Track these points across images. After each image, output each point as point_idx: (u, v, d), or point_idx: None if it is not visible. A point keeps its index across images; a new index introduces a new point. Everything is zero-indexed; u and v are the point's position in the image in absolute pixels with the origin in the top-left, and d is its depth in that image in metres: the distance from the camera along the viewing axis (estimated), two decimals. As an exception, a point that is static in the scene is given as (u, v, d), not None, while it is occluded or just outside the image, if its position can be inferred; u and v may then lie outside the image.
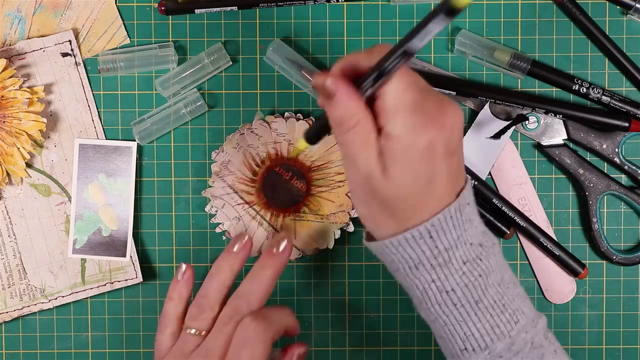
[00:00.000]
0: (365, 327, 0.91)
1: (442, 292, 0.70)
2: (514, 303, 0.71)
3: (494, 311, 0.71)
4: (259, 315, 0.77)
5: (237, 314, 0.78)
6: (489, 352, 0.71)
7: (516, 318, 0.71)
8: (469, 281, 0.70)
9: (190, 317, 0.79)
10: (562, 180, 0.90)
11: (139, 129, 0.88)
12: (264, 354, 0.76)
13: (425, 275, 0.70)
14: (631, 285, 0.90)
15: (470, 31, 0.88)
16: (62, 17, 0.88)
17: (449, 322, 0.71)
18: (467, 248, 0.70)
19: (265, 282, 0.79)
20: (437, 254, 0.69)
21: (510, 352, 0.71)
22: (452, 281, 0.70)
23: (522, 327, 0.71)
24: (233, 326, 0.77)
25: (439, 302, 0.71)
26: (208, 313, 0.79)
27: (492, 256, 0.71)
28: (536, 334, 0.72)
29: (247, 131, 0.87)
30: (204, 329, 0.79)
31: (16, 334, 0.90)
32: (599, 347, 0.90)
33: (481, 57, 0.88)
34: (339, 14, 0.89)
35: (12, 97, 0.85)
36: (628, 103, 0.87)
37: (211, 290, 0.80)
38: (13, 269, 0.89)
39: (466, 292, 0.70)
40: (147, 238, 0.90)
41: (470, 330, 0.71)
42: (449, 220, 0.69)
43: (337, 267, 0.90)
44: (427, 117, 0.66)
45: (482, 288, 0.70)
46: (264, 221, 0.87)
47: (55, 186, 0.89)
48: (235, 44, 0.89)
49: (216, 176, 0.87)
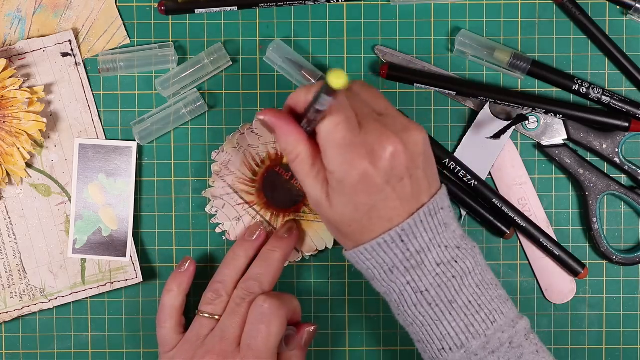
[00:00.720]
0: (365, 327, 0.91)
1: (417, 292, 0.73)
2: (491, 304, 0.74)
3: (468, 311, 0.74)
4: (271, 294, 0.81)
5: (249, 295, 0.81)
6: (465, 350, 0.74)
7: (493, 318, 0.74)
8: (442, 282, 0.73)
9: (205, 301, 0.82)
10: (562, 180, 0.90)
11: (139, 129, 0.88)
12: (280, 330, 0.79)
13: (400, 279, 0.74)
14: (631, 285, 0.90)
15: (470, 31, 0.88)
16: (62, 17, 0.88)
17: (426, 322, 0.74)
18: (441, 250, 0.73)
19: (274, 264, 0.83)
20: (410, 256, 0.73)
21: (486, 350, 0.73)
22: (426, 282, 0.73)
23: (499, 327, 0.74)
24: (247, 306, 0.81)
25: (415, 303, 0.74)
26: (224, 297, 0.82)
27: (471, 258, 0.75)
28: (515, 334, 0.74)
29: (248, 131, 0.87)
30: (219, 313, 0.82)
31: (16, 334, 0.90)
32: (599, 347, 0.90)
33: (481, 57, 0.88)
34: (339, 14, 0.89)
35: (12, 97, 0.85)
36: (628, 103, 0.87)
37: (227, 276, 0.83)
38: (13, 269, 0.89)
39: (439, 292, 0.73)
40: (147, 238, 0.90)
41: (446, 329, 0.74)
42: (420, 224, 0.72)
43: (337, 267, 0.90)
44: (358, 153, 0.70)
45: (455, 289, 0.73)
46: (264, 221, 0.87)
47: (55, 186, 0.89)
48: (235, 44, 0.89)
49: (216, 176, 0.87)
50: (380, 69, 0.88)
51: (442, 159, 0.88)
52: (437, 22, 0.89)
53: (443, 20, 0.89)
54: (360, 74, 0.89)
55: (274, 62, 0.88)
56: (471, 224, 0.90)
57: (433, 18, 0.89)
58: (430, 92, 0.89)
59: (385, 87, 0.89)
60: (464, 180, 0.88)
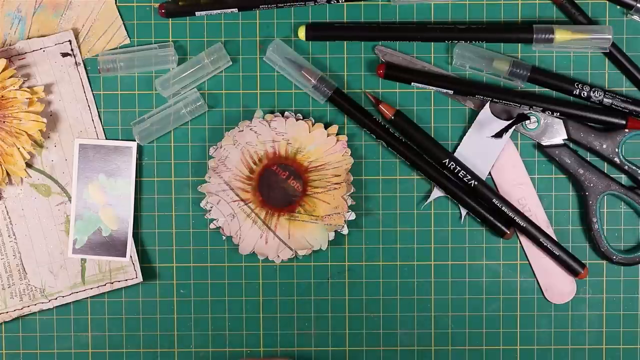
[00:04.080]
0: (365, 327, 0.90)
1: None
2: None
3: None
4: None
5: None
6: None
7: None
8: None
9: None
10: (562, 180, 0.90)
11: (139, 129, 0.88)
12: None
13: None
14: (631, 285, 0.90)
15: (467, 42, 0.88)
16: (62, 17, 0.88)
17: None
18: None
19: None
20: None
21: None
22: None
23: None
24: None
25: None
26: None
27: None
28: None
29: (246, 129, 0.87)
30: None
31: (16, 334, 0.90)
32: (599, 347, 0.90)
33: (480, 68, 0.88)
34: (339, 14, 0.89)
35: (12, 97, 0.86)
36: (630, 103, 0.87)
37: None
38: (13, 269, 0.89)
39: None
40: (147, 238, 0.90)
41: None
42: None
43: (337, 268, 0.90)
44: None
45: None
46: (258, 219, 0.87)
47: (55, 186, 0.89)
48: (235, 44, 0.89)
49: (213, 172, 0.87)
50: (377, 68, 0.88)
51: (442, 159, 0.88)
52: (437, 22, 0.89)
53: (443, 20, 0.89)
54: (360, 74, 0.89)
55: (274, 62, 0.88)
56: (471, 224, 0.90)
57: (433, 18, 0.89)
58: (430, 92, 0.89)
59: (385, 88, 0.89)
60: (464, 180, 0.88)
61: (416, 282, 0.90)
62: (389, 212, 0.90)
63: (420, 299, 0.90)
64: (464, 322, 0.90)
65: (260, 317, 0.91)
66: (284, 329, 0.91)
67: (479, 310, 0.90)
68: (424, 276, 0.90)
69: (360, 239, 0.90)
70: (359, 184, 0.89)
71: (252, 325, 0.91)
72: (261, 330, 0.91)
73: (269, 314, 0.90)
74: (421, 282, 0.90)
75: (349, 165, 0.87)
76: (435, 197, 0.89)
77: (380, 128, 0.88)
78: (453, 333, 0.90)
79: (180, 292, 0.90)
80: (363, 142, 0.89)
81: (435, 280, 0.90)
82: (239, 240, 0.88)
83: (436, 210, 0.90)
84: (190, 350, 0.91)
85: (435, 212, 0.90)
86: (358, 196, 0.89)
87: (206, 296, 0.90)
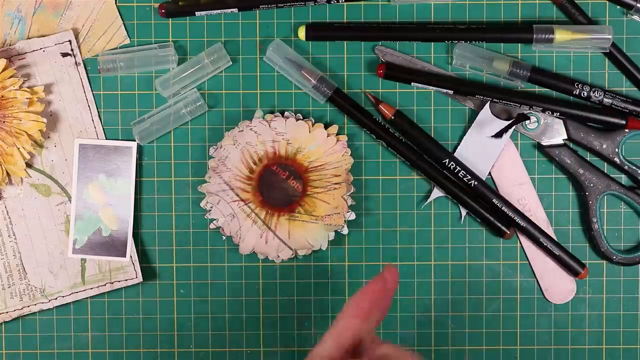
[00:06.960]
0: (365, 327, 0.90)
1: None
2: None
3: None
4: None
5: None
6: None
7: None
8: None
9: None
10: (562, 180, 0.90)
11: (139, 129, 0.88)
12: None
13: None
14: (631, 285, 0.90)
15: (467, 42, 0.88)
16: (62, 17, 0.88)
17: None
18: None
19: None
20: None
21: None
22: None
23: None
24: None
25: None
26: None
27: None
28: None
29: (246, 129, 0.87)
30: None
31: (16, 334, 0.90)
32: (599, 347, 0.90)
33: (480, 68, 0.88)
34: (339, 14, 0.89)
35: (12, 97, 0.86)
36: (630, 103, 0.87)
37: None
38: (13, 269, 0.89)
39: None
40: (147, 238, 0.90)
41: None
42: None
43: (337, 267, 0.90)
44: None
45: None
46: (258, 219, 0.87)
47: (55, 186, 0.89)
48: (235, 44, 0.89)
49: (213, 172, 0.87)
50: (377, 68, 0.88)
51: (442, 159, 0.88)
52: (437, 22, 0.89)
53: (443, 20, 0.89)
54: (360, 74, 0.89)
55: (274, 62, 0.88)
56: (471, 224, 0.90)
57: (433, 18, 0.89)
58: (430, 92, 0.89)
59: (385, 88, 0.89)
60: (464, 180, 0.88)
61: (416, 282, 0.90)
62: (389, 212, 0.90)
63: (420, 299, 0.90)
64: (464, 322, 0.90)
65: (260, 317, 0.91)
66: (284, 329, 0.91)
67: (479, 310, 0.90)
68: (424, 276, 0.90)
69: (360, 239, 0.90)
70: (359, 184, 0.89)
71: (252, 325, 0.91)
72: (261, 330, 0.91)
73: (269, 314, 0.90)
74: (421, 282, 0.90)
75: (349, 165, 0.87)
76: (435, 197, 0.89)
77: (380, 128, 0.88)
78: (453, 333, 0.90)
79: (180, 292, 0.90)
80: (363, 142, 0.89)
81: (435, 280, 0.90)
82: (239, 240, 0.88)
83: (436, 210, 0.90)
84: (190, 350, 0.91)
85: (435, 212, 0.90)
86: (358, 196, 0.89)
87: (206, 296, 0.90)
